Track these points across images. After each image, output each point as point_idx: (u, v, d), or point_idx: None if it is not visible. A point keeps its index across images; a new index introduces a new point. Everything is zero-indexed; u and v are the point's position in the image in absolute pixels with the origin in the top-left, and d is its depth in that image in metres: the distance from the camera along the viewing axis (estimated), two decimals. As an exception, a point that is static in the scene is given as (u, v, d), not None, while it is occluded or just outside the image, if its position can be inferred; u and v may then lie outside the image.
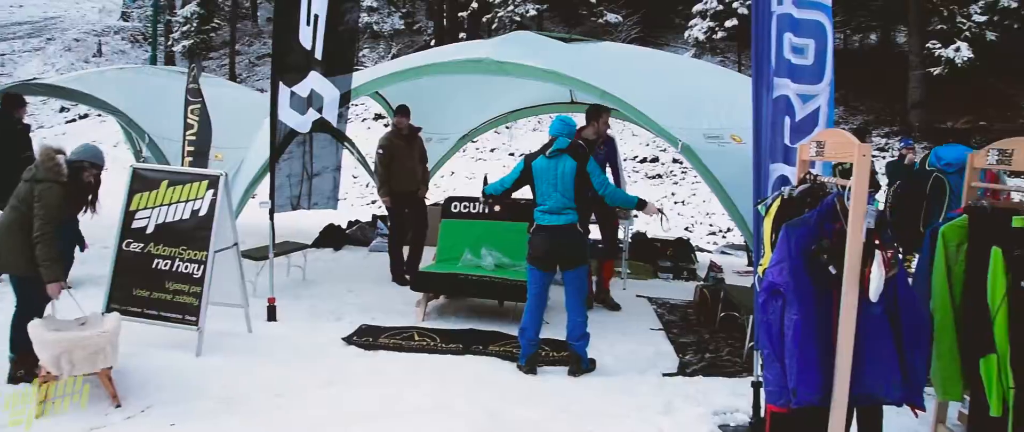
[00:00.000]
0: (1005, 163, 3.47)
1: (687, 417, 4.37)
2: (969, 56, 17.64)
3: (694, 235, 13.58)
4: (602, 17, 23.02)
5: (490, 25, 22.70)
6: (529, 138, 18.66)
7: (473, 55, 6.76)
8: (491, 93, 9.62)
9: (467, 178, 17.10)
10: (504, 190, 5.32)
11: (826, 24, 4.15)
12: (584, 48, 8.03)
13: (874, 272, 2.90)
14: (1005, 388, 3.09)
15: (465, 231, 6.97)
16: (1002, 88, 20.74)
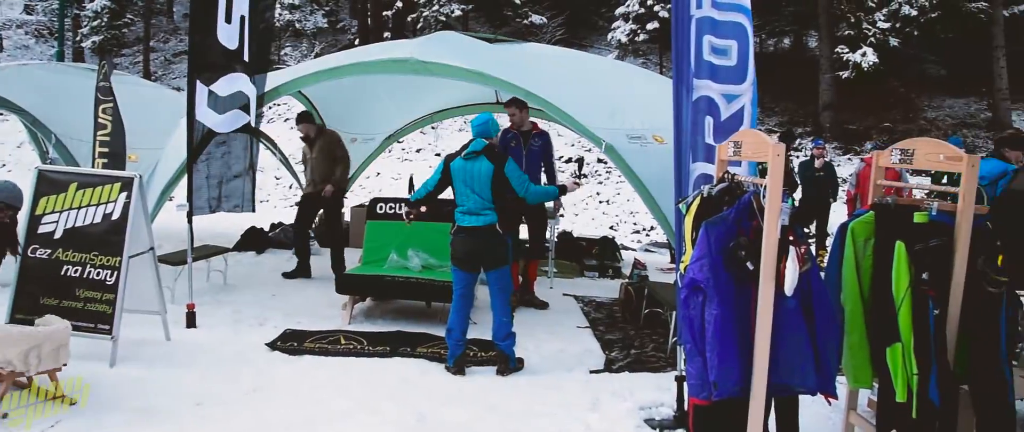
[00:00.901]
0: (907, 162, 3.65)
1: (614, 412, 4.44)
2: (875, 61, 18.51)
3: (619, 233, 13.81)
4: (527, 18, 23.16)
5: (415, 25, 22.54)
6: (455, 138, 18.61)
7: (397, 55, 6.70)
8: (416, 93, 9.55)
9: (393, 179, 16.93)
10: (428, 194, 5.30)
11: (747, 25, 4.29)
12: (509, 49, 8.08)
13: (789, 267, 3.01)
14: (909, 375, 3.24)
15: (391, 232, 6.90)
16: (904, 91, 21.86)
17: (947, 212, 3.31)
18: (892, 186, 3.89)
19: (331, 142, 7.95)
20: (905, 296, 3.23)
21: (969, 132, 19.92)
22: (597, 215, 15.02)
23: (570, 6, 24.14)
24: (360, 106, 9.74)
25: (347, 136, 10.25)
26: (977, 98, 21.42)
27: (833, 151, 17.83)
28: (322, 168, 7.82)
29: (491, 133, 5.15)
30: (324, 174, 7.81)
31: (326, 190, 7.76)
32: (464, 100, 10.12)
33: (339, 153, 7.92)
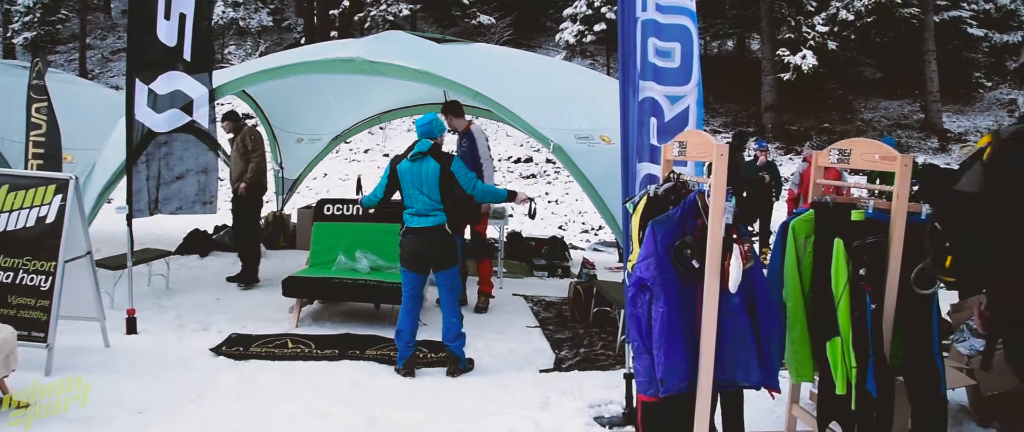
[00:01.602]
0: (844, 162, 3.76)
1: (564, 411, 4.47)
2: (814, 63, 19.04)
3: (567, 233, 13.90)
4: (475, 18, 23.17)
5: (362, 24, 22.34)
6: (404, 138, 18.50)
7: (344, 54, 6.62)
8: (364, 93, 9.47)
9: (341, 180, 16.75)
10: (379, 199, 5.26)
11: (691, 28, 4.36)
12: (457, 49, 8.06)
13: (733, 265, 3.07)
14: (848, 368, 3.34)
15: (338, 234, 6.83)
16: (842, 93, 22.54)
17: (883, 210, 3.42)
18: (831, 185, 4.00)
19: (246, 138, 7.66)
20: (843, 292, 3.33)
21: (903, 132, 20.63)
22: (546, 215, 15.09)
23: (518, 7, 24.23)
24: (306, 106, 9.61)
25: (293, 136, 10.15)
26: (910, 100, 22.20)
27: (775, 151, 18.27)
28: (236, 166, 7.59)
29: (436, 133, 5.13)
30: (239, 172, 7.57)
31: (239, 188, 7.51)
32: (412, 100, 10.07)
33: (251, 147, 7.62)
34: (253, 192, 7.62)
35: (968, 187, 2.38)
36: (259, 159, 7.66)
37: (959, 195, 2.40)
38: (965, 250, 2.34)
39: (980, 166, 2.39)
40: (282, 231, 10.23)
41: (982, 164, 2.37)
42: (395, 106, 10.39)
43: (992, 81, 22.78)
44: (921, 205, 3.49)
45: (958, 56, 21.98)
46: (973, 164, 2.41)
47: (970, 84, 22.46)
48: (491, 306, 6.99)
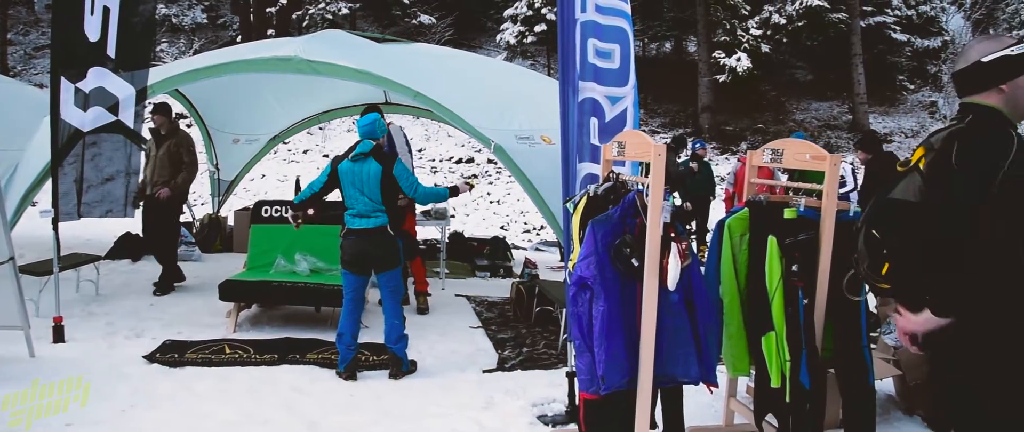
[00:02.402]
0: (777, 161, 3.87)
1: (507, 411, 4.49)
2: (749, 66, 19.54)
3: (509, 233, 13.95)
4: (415, 18, 23.04)
5: (300, 22, 21.97)
6: (343, 139, 18.26)
7: (282, 53, 6.50)
8: (302, 93, 9.32)
9: (279, 181, 16.44)
10: (313, 195, 5.18)
11: (628, 29, 4.43)
12: (397, 48, 8.00)
13: (671, 263, 3.13)
14: (782, 361, 3.44)
15: (277, 236, 6.70)
16: (776, 95, 23.19)
17: (813, 208, 3.54)
18: (765, 184, 4.11)
19: (181, 145, 7.36)
20: (777, 287, 3.43)
21: (833, 133, 21.35)
22: (488, 215, 15.12)
23: (459, 7, 24.18)
24: (243, 106, 9.41)
25: (229, 137, 9.92)
26: (839, 101, 23.00)
27: (712, 151, 18.68)
28: (165, 170, 7.25)
29: (378, 134, 5.09)
30: (166, 177, 7.23)
31: (161, 192, 7.18)
32: (352, 100, 9.95)
33: (187, 158, 7.35)
34: (177, 200, 7.40)
35: (906, 196, 2.47)
36: (193, 169, 7.44)
37: (897, 203, 2.48)
38: (903, 257, 2.42)
39: (918, 176, 2.45)
40: (218, 234, 9.98)
41: (919, 173, 2.45)
42: (335, 106, 10.25)
43: (915, 84, 23.78)
44: (849, 203, 3.63)
45: (883, 60, 22.88)
46: (907, 174, 2.50)
47: (895, 87, 23.40)
48: (433, 307, 6.96)
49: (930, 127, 21.48)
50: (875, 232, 2.49)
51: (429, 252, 9.31)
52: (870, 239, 2.51)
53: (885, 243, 2.46)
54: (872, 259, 2.50)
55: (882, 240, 2.47)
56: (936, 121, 21.95)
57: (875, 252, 2.49)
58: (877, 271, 2.49)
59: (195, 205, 12.26)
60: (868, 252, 2.51)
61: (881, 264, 2.47)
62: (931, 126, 21.55)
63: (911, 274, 2.43)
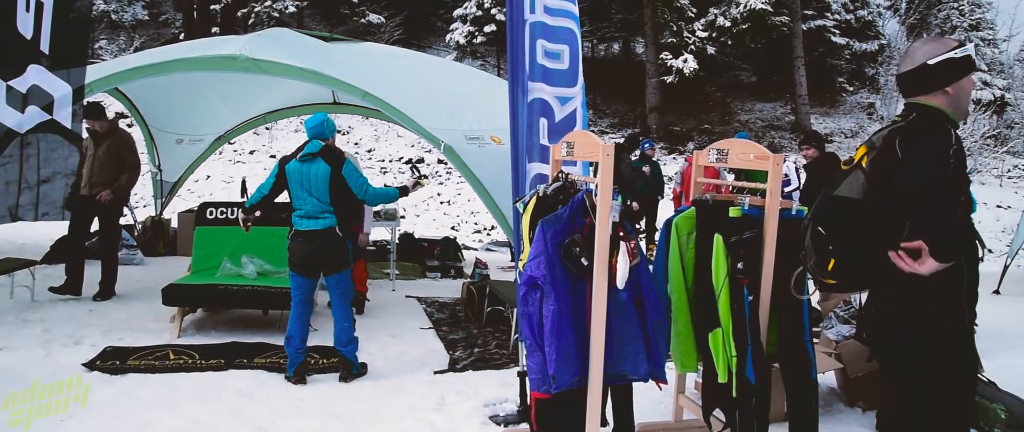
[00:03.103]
0: (722, 161, 3.95)
1: (459, 411, 4.48)
2: (695, 67, 19.87)
3: (460, 234, 13.93)
4: (364, 17, 22.84)
5: (246, 20, 21.56)
6: (291, 139, 17.99)
7: (227, 51, 6.37)
8: (248, 92, 9.15)
9: (225, 182, 16.12)
10: (263, 198, 5.10)
11: (576, 30, 4.46)
12: (345, 48, 7.92)
13: (620, 262, 3.17)
14: (729, 357, 3.50)
15: (223, 238, 6.56)
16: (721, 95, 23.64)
17: (758, 207, 3.62)
18: (711, 183, 4.18)
19: (123, 145, 7.09)
20: (723, 285, 3.49)
21: (776, 133, 21.86)
22: (438, 215, 15.07)
23: (408, 6, 24.05)
24: (186, 105, 9.18)
25: (172, 137, 9.68)
26: (782, 103, 23.56)
27: (660, 151, 18.94)
28: (106, 171, 6.97)
29: (327, 134, 5.03)
30: (107, 178, 6.96)
31: (103, 195, 6.92)
32: (300, 100, 9.81)
33: (130, 159, 7.10)
34: (119, 202, 7.16)
35: (850, 194, 2.56)
36: (136, 170, 7.19)
37: (841, 200, 2.58)
38: (848, 253, 2.52)
39: (861, 173, 2.55)
40: (161, 237, 9.74)
41: (862, 171, 2.55)
42: (282, 106, 10.09)
43: (853, 86, 24.52)
44: (792, 202, 3.73)
45: (823, 62, 23.55)
46: (851, 172, 2.60)
47: (834, 88, 24.10)
48: (384, 309, 6.91)
49: (868, 127, 22.18)
50: (821, 229, 2.58)
51: (379, 253, 9.24)
52: (816, 235, 2.60)
53: (830, 239, 2.55)
54: (819, 255, 2.59)
55: (828, 236, 2.56)
56: (874, 122, 22.68)
57: (821, 248, 2.58)
58: (823, 267, 2.59)
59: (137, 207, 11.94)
60: (815, 248, 2.60)
61: (827, 260, 2.56)
62: (869, 127, 22.25)
63: (856, 267, 2.52)
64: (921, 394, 2.67)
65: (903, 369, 2.67)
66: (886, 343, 2.74)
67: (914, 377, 2.66)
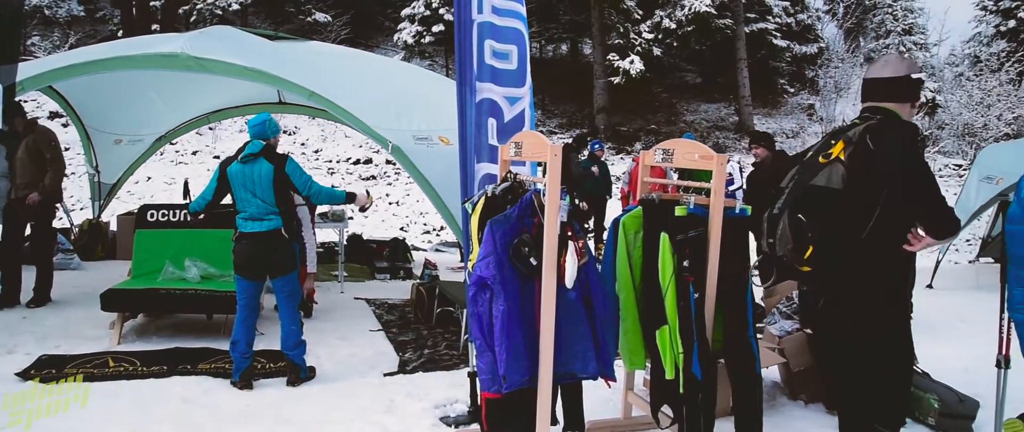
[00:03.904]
0: (668, 161, 4.01)
1: (409, 413, 4.46)
2: (642, 68, 20.13)
3: (409, 235, 13.85)
4: (310, 16, 22.51)
5: (188, 17, 21.05)
6: (235, 140, 17.62)
7: (167, 49, 6.19)
8: (191, 91, 8.93)
9: (166, 184, 15.71)
10: (208, 203, 5.00)
11: (524, 31, 4.48)
12: (291, 46, 7.79)
13: (568, 261, 3.19)
14: (676, 353, 3.55)
15: (165, 242, 6.40)
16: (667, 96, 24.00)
17: (702, 205, 3.69)
18: (657, 183, 4.25)
19: (41, 141, 6.79)
20: (670, 282, 3.55)
21: (720, 133, 22.29)
22: (387, 216, 14.96)
23: (355, 5, 23.79)
24: (125, 104, 8.91)
25: (110, 137, 9.40)
26: (726, 103, 24.04)
27: (608, 151, 19.14)
28: (28, 171, 6.70)
29: (269, 134, 4.96)
30: (29, 178, 6.70)
31: (31, 198, 6.67)
32: (244, 99, 9.62)
33: (50, 155, 6.79)
34: (49, 202, 6.89)
35: (830, 184, 2.72)
36: (59, 166, 6.91)
37: (821, 190, 2.73)
38: (826, 241, 2.69)
39: (841, 166, 2.72)
40: (100, 240, 9.44)
41: (842, 163, 2.72)
42: (225, 105, 9.87)
43: (794, 88, 25.17)
44: (735, 200, 3.80)
45: (765, 64, 24.12)
46: (829, 165, 2.76)
47: (776, 90, 24.71)
48: (332, 311, 6.84)
49: (809, 128, 22.80)
50: (801, 216, 2.72)
51: (327, 255, 9.13)
52: (796, 223, 2.73)
53: (811, 227, 2.69)
54: (797, 242, 2.73)
55: (808, 224, 2.70)
56: (814, 122, 23.31)
57: (800, 235, 2.72)
58: (801, 254, 2.73)
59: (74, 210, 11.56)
60: (793, 236, 2.73)
61: (805, 247, 2.71)
62: (809, 127, 22.87)
63: (832, 255, 2.69)
64: (873, 383, 2.83)
65: (862, 358, 2.82)
66: (849, 334, 2.87)
67: (870, 366, 2.82)
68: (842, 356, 2.96)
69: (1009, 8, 25.74)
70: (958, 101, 21.99)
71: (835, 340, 2.93)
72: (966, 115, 21.35)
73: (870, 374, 2.86)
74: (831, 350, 3.00)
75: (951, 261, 11.26)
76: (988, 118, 20.95)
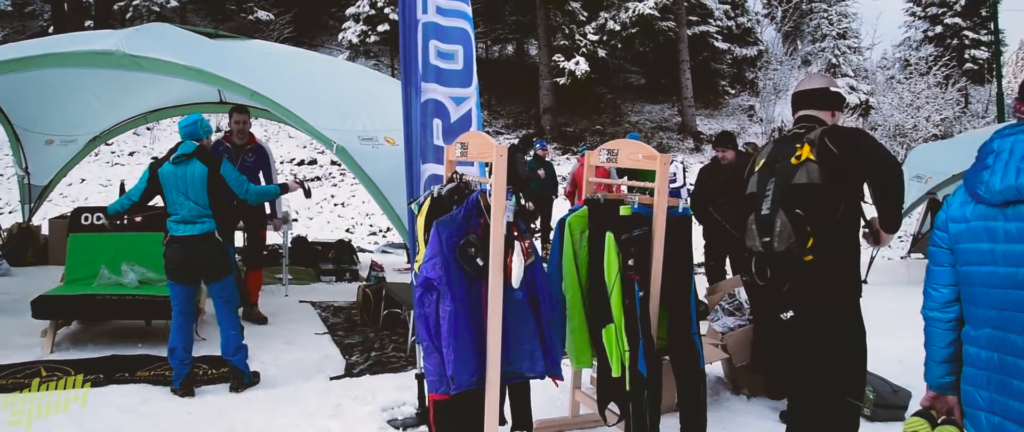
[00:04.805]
0: (613, 161, 4.07)
1: (356, 417, 4.41)
2: (587, 69, 20.31)
3: (355, 236, 13.71)
4: (252, 14, 22.07)
5: (123, 14, 20.43)
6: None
7: (102, 46, 5.99)
8: (127, 90, 8.66)
9: (102, 186, 15.22)
10: (132, 204, 4.87)
11: (469, 31, 4.47)
12: (232, 45, 7.63)
13: (515, 261, 3.21)
14: (622, 351, 3.60)
15: (100, 245, 6.20)
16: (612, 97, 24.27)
17: (646, 205, 3.74)
18: (602, 183, 4.29)
19: None
20: (615, 281, 3.59)
21: (664, 134, 22.65)
22: (332, 218, 14.77)
23: (299, 4, 23.43)
24: (57, 103, 8.60)
25: (41, 137, 9.06)
26: (669, 104, 24.44)
27: (554, 151, 19.26)
28: None
29: (201, 135, 4.87)
30: None
31: None
32: (183, 99, 9.37)
33: None
34: None
35: (811, 180, 3.04)
36: None
37: (807, 186, 3.04)
38: (824, 230, 3.02)
39: (813, 165, 3.05)
40: (30, 245, 9.09)
41: (814, 162, 3.05)
42: (164, 105, 9.60)
43: (735, 89, 25.74)
44: (678, 200, 3.87)
45: (707, 66, 24.62)
46: (802, 165, 3.08)
47: (718, 91, 25.23)
48: (277, 315, 6.72)
49: (749, 129, 23.34)
50: (798, 211, 3.03)
51: (271, 257, 8.97)
52: (795, 218, 3.03)
53: (809, 219, 3.00)
54: (798, 236, 3.02)
55: (807, 217, 3.01)
56: (754, 123, 23.87)
57: (800, 229, 3.01)
58: (803, 244, 3.02)
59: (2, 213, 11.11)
60: (794, 229, 3.02)
61: (807, 238, 3.00)
62: (750, 128, 23.42)
63: (830, 241, 3.02)
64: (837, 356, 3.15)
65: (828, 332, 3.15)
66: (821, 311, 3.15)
67: (835, 340, 3.14)
68: (806, 335, 3.19)
69: (936, 14, 26.85)
70: (890, 103, 22.77)
71: (802, 321, 3.15)
72: (897, 116, 22.13)
73: (835, 348, 3.12)
74: (794, 332, 3.21)
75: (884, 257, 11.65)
76: (918, 119, 21.75)
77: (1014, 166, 2.04)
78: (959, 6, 26.49)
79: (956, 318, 2.29)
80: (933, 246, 2.32)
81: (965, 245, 2.17)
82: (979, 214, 2.13)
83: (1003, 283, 2.06)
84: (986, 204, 2.10)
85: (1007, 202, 2.05)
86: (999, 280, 2.07)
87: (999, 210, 2.07)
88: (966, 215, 2.16)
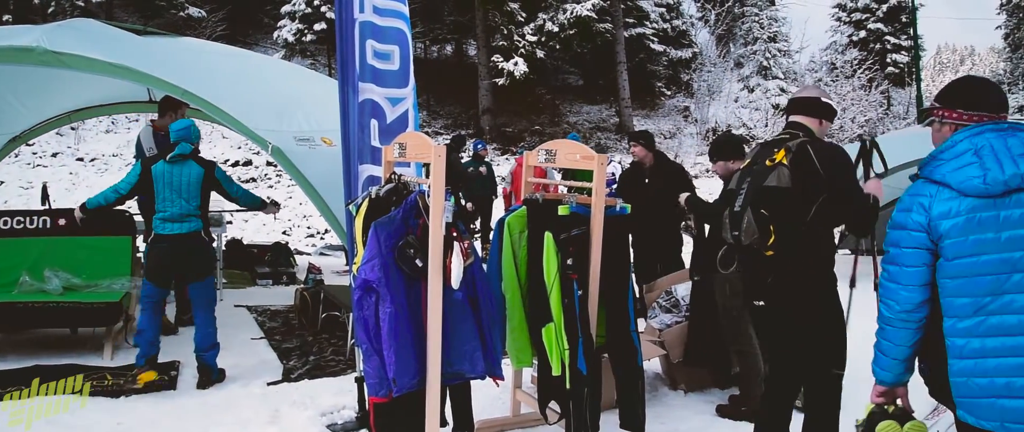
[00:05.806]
0: (551, 161, 4.10)
1: (295, 423, 4.33)
2: (525, 70, 20.42)
3: (292, 238, 13.48)
4: (184, 10, 21.46)
5: (45, 8, 19.59)
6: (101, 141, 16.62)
7: (21, 42, 5.72)
8: (49, 89, 8.30)
9: (22, 188, 14.59)
10: (119, 197, 4.99)
11: (406, 31, 4.45)
12: (162, 42, 7.38)
13: (454, 262, 3.20)
14: (561, 350, 3.63)
15: (21, 250, 5.92)
16: (551, 98, 24.47)
17: (584, 205, 3.79)
18: (540, 183, 4.32)
19: None
20: (554, 280, 3.62)
21: (602, 134, 22.94)
22: (268, 220, 14.45)
23: (232, 1, 22.85)
24: (-29, 102, 8.20)
25: (-45, 138, 8.62)
26: (607, 105, 24.76)
27: (493, 152, 19.30)
28: None
29: (194, 139, 5.08)
30: None
31: None
32: (111, 98, 9.04)
33: None
34: None
35: (780, 183, 3.22)
36: None
37: (775, 189, 3.22)
38: (785, 230, 3.20)
39: (785, 169, 3.22)
40: (-57, 251, 8.64)
41: (786, 167, 3.23)
42: (90, 104, 9.23)
43: (671, 90, 26.24)
44: (616, 199, 3.93)
45: (644, 68, 25.03)
46: (775, 168, 3.25)
47: (654, 92, 25.68)
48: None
49: (684, 129, 23.85)
50: (763, 211, 3.22)
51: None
52: (760, 217, 3.23)
53: (772, 219, 3.20)
54: (762, 233, 3.22)
55: (770, 216, 3.21)
56: (689, 124, 24.38)
57: (764, 227, 3.22)
58: (766, 241, 3.23)
59: (-89, 218, 10.53)
60: (758, 227, 3.23)
61: (769, 235, 3.22)
62: (685, 128, 23.92)
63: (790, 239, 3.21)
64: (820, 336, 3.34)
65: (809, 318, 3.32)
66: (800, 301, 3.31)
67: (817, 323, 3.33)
68: (781, 321, 3.40)
69: (860, 20, 27.90)
70: (818, 104, 23.52)
71: (784, 310, 3.35)
72: (825, 117, 22.88)
73: (817, 330, 3.33)
74: (777, 319, 3.41)
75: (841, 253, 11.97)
76: (843, 120, 22.55)
77: (1010, 158, 2.22)
78: (882, 12, 27.57)
79: (926, 315, 2.38)
80: (902, 248, 2.38)
81: (957, 239, 2.26)
82: (971, 207, 2.25)
83: (1006, 269, 2.19)
84: (980, 196, 2.23)
85: (1009, 190, 2.20)
86: (1002, 266, 2.20)
87: (993, 200, 2.22)
88: (956, 210, 2.26)
